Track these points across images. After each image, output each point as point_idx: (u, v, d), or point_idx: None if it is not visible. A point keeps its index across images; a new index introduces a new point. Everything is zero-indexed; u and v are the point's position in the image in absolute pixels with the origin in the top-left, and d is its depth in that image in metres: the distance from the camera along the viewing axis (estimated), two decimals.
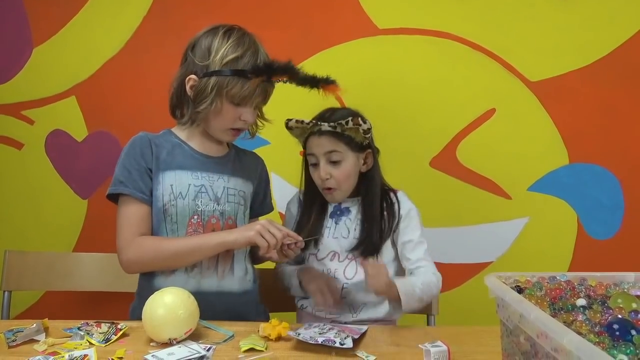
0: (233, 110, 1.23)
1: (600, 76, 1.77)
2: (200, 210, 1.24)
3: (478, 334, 1.11)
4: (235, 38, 1.22)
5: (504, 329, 0.82)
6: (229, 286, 1.25)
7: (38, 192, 1.84)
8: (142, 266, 1.23)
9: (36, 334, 1.05)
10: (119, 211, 1.23)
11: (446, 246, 1.80)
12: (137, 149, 1.24)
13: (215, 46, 1.21)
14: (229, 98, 1.21)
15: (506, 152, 1.80)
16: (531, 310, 0.68)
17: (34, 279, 1.58)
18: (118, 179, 1.23)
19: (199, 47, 1.24)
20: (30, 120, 1.84)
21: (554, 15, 1.77)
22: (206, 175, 1.26)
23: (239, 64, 1.20)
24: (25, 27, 1.83)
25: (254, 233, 1.15)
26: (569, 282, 0.85)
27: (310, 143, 1.32)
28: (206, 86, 1.20)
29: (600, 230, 1.80)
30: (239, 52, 1.20)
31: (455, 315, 1.64)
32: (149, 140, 1.26)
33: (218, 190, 1.26)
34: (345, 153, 1.30)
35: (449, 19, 1.79)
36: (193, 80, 1.23)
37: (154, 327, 1.03)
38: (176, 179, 1.23)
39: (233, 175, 1.31)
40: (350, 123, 1.26)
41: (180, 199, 1.22)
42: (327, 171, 1.30)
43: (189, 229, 1.23)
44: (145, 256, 1.20)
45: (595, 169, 1.79)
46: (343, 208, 1.37)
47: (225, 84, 1.20)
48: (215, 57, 1.20)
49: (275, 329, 1.06)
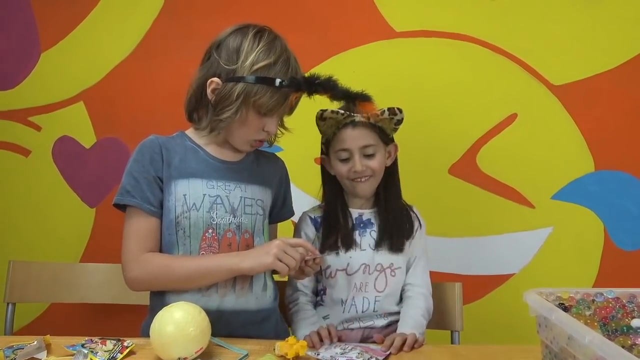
0: (258, 120, 1.14)
1: (628, 79, 1.70)
2: (216, 224, 1.14)
3: (512, 355, 1.03)
4: (266, 42, 1.13)
5: (547, 351, 0.75)
6: (246, 304, 1.16)
7: (44, 200, 1.80)
8: (148, 285, 1.15)
9: (37, 352, 0.99)
10: (125, 223, 1.14)
11: (466, 257, 1.73)
12: (146, 155, 1.15)
13: (245, 49, 1.12)
14: (256, 107, 1.12)
15: (529, 159, 1.73)
16: (585, 332, 0.61)
17: (39, 290, 1.53)
18: (125, 188, 1.14)
19: (226, 48, 1.14)
20: (37, 127, 1.80)
21: (579, 16, 1.71)
22: (222, 184, 1.17)
23: (270, 72, 1.10)
24: (33, 31, 1.79)
25: (272, 259, 1.07)
26: (617, 300, 0.78)
27: (343, 135, 1.26)
28: (231, 92, 1.10)
29: (628, 240, 1.72)
30: (271, 59, 1.11)
31: (479, 328, 1.58)
32: (159, 144, 1.17)
33: (234, 201, 1.17)
34: (377, 145, 1.28)
35: (468, 21, 1.73)
36: (216, 84, 1.13)
37: (162, 345, 0.97)
38: (190, 189, 1.14)
39: (250, 182, 1.21)
40: (386, 113, 1.23)
41: (194, 211, 1.13)
42: (363, 164, 1.26)
43: (202, 243, 1.13)
44: (152, 275, 1.12)
45: (622, 177, 1.72)
46: (365, 220, 1.33)
47: (254, 92, 1.10)
48: (244, 62, 1.10)
49: (292, 348, 0.99)
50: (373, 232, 1.31)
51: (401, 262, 1.30)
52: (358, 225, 1.32)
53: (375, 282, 1.28)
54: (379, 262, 1.28)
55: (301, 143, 1.38)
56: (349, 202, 1.34)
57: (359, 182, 1.28)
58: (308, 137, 1.34)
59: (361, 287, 1.27)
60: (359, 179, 1.28)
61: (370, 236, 1.31)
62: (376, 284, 1.28)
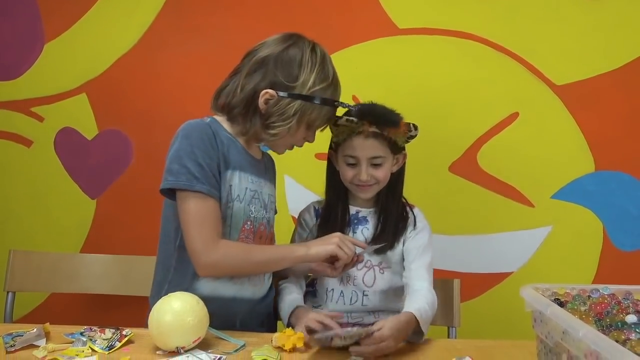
0: (304, 133, 1.21)
1: (629, 80, 1.70)
2: (253, 217, 1.19)
3: (508, 350, 1.03)
4: (320, 59, 1.17)
5: (542, 346, 0.75)
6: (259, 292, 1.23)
7: (46, 191, 1.80)
8: (222, 271, 1.14)
9: (36, 339, 1.00)
10: (189, 209, 1.10)
11: (465, 255, 1.74)
12: (206, 141, 1.13)
13: (304, 66, 1.14)
14: (308, 123, 1.18)
15: (529, 158, 1.73)
16: (579, 326, 0.62)
17: (39, 280, 1.54)
18: (191, 173, 1.09)
19: (282, 62, 1.15)
20: (39, 117, 1.80)
21: (582, 16, 1.71)
22: (257, 180, 1.22)
23: (326, 92, 1.16)
24: (37, 22, 1.79)
25: (334, 246, 1.14)
26: (613, 296, 0.78)
27: (354, 143, 1.26)
28: (288, 108, 1.13)
29: (627, 241, 1.72)
30: (327, 81, 1.16)
31: (476, 326, 1.58)
32: (212, 132, 1.15)
33: (265, 197, 1.24)
34: (386, 156, 1.28)
35: (471, 19, 1.73)
36: (270, 95, 1.14)
37: (160, 334, 0.98)
38: (236, 180, 1.16)
39: (269, 181, 1.29)
40: (401, 129, 1.24)
41: (237, 202, 1.16)
42: (369, 173, 1.27)
43: (241, 234, 1.17)
44: (232, 262, 1.13)
45: (622, 177, 1.72)
46: (361, 217, 1.34)
47: (310, 110, 1.15)
48: (306, 81, 1.14)
49: (289, 340, 0.99)
50: (365, 230, 1.32)
51: (390, 262, 1.30)
52: (352, 222, 1.33)
53: (364, 277, 1.29)
54: (368, 259, 1.30)
55: None
56: (350, 199, 1.35)
57: (362, 189, 1.30)
58: None
59: (349, 281, 1.29)
60: (362, 186, 1.29)
61: (361, 233, 1.32)
62: (364, 279, 1.29)
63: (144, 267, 1.54)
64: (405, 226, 1.32)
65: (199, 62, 1.76)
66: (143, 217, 1.73)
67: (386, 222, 1.31)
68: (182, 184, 1.09)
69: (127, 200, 1.77)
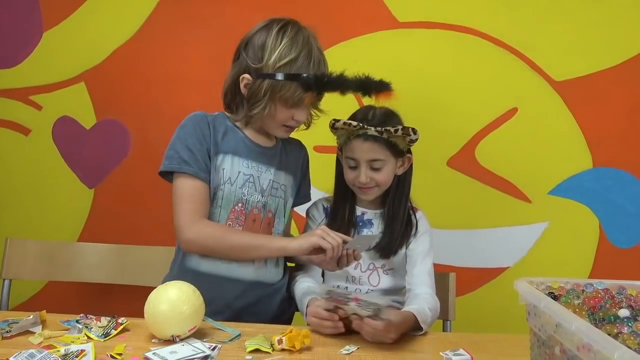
0: (286, 112, 1.21)
1: (629, 77, 1.70)
2: (246, 200, 1.23)
3: (502, 343, 1.04)
4: (289, 38, 1.19)
5: (535, 339, 0.76)
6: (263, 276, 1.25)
7: (44, 180, 1.80)
8: (201, 249, 1.21)
9: (32, 326, 1.00)
10: (178, 189, 1.20)
11: (461, 249, 1.74)
12: (198, 129, 1.22)
13: (269, 46, 1.18)
14: (282, 102, 1.19)
15: (527, 153, 1.73)
16: (572, 319, 0.62)
17: (36, 268, 1.54)
18: (182, 158, 1.19)
19: (252, 46, 1.21)
20: (38, 106, 1.80)
21: (582, 12, 1.70)
22: (255, 165, 1.26)
23: (292, 68, 1.17)
24: (36, 10, 1.79)
25: (317, 237, 1.14)
26: (607, 291, 0.79)
27: (353, 146, 1.27)
28: (259, 89, 1.18)
29: (623, 238, 1.73)
30: (292, 55, 1.17)
31: (471, 320, 1.59)
32: (207, 121, 1.24)
33: (264, 183, 1.26)
34: (387, 160, 1.27)
35: (472, 14, 1.72)
36: (247, 80, 1.21)
37: (156, 322, 0.98)
38: (227, 164, 1.23)
39: (279, 168, 1.30)
40: (399, 132, 1.23)
41: (229, 185, 1.22)
42: (368, 176, 1.27)
43: (231, 214, 1.23)
44: (207, 240, 1.19)
45: (619, 174, 1.72)
46: (366, 220, 1.34)
47: (279, 88, 1.17)
48: (268, 60, 1.17)
49: (299, 340, 0.97)
50: (370, 233, 1.32)
51: (394, 264, 1.31)
52: (357, 223, 1.34)
53: (369, 278, 1.30)
54: (371, 262, 1.31)
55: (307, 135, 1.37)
56: (357, 200, 1.35)
57: (363, 191, 1.30)
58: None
59: (354, 280, 1.30)
60: (363, 188, 1.29)
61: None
62: (370, 279, 1.30)
63: (141, 257, 1.55)
64: (409, 231, 1.32)
65: (198, 53, 1.75)
66: (140, 207, 1.73)
67: (392, 229, 1.30)
68: (173, 166, 1.20)
69: (125, 190, 1.77)
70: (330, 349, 1.00)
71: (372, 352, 0.99)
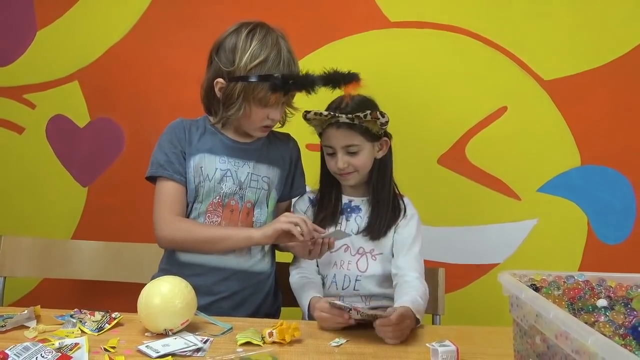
0: (261, 112, 1.26)
1: (616, 77, 1.72)
2: (223, 193, 1.30)
3: (487, 335, 1.07)
4: (258, 40, 1.23)
5: (517, 330, 0.78)
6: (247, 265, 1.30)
7: (37, 178, 1.81)
8: (174, 244, 1.29)
9: (27, 321, 1.02)
10: (157, 192, 1.30)
11: (452, 246, 1.76)
12: (173, 135, 1.31)
13: (240, 49, 1.22)
14: (256, 102, 1.23)
15: (516, 151, 1.75)
16: (550, 309, 0.64)
17: (30, 265, 1.55)
18: (158, 163, 1.29)
19: (223, 50, 1.26)
20: (31, 105, 1.81)
21: (570, 13, 1.72)
22: (232, 161, 1.32)
23: (263, 69, 1.21)
24: (30, 9, 1.79)
25: (281, 223, 1.19)
26: (587, 282, 0.81)
27: (328, 134, 1.32)
28: (233, 91, 1.23)
29: (610, 234, 1.75)
30: (262, 56, 1.21)
31: (461, 316, 1.61)
32: (184, 126, 1.33)
33: (242, 176, 1.31)
34: (362, 144, 1.31)
35: (462, 14, 1.74)
36: (221, 84, 1.25)
37: (149, 316, 1.00)
38: (205, 162, 1.30)
39: (259, 162, 1.34)
40: (368, 116, 1.25)
41: (207, 181, 1.29)
42: (345, 161, 1.31)
43: (209, 207, 1.30)
44: (178, 236, 1.27)
45: (607, 172, 1.75)
46: (354, 206, 1.38)
47: (251, 89, 1.22)
48: (240, 63, 1.22)
49: (289, 333, 1.00)
50: (358, 218, 1.36)
51: (382, 249, 1.34)
52: (345, 210, 1.37)
53: (358, 263, 1.33)
54: (361, 246, 1.34)
55: (296, 129, 1.39)
56: (343, 188, 1.39)
57: (344, 177, 1.34)
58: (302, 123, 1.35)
59: (342, 265, 1.33)
60: (342, 174, 1.33)
61: (354, 222, 1.36)
62: (358, 264, 1.33)
63: (134, 254, 1.56)
64: (397, 215, 1.35)
65: (191, 52, 1.75)
66: (134, 205, 1.74)
67: (379, 210, 1.34)
68: (152, 171, 1.31)
69: (118, 188, 1.78)
70: (320, 342, 1.02)
71: (361, 344, 1.01)
